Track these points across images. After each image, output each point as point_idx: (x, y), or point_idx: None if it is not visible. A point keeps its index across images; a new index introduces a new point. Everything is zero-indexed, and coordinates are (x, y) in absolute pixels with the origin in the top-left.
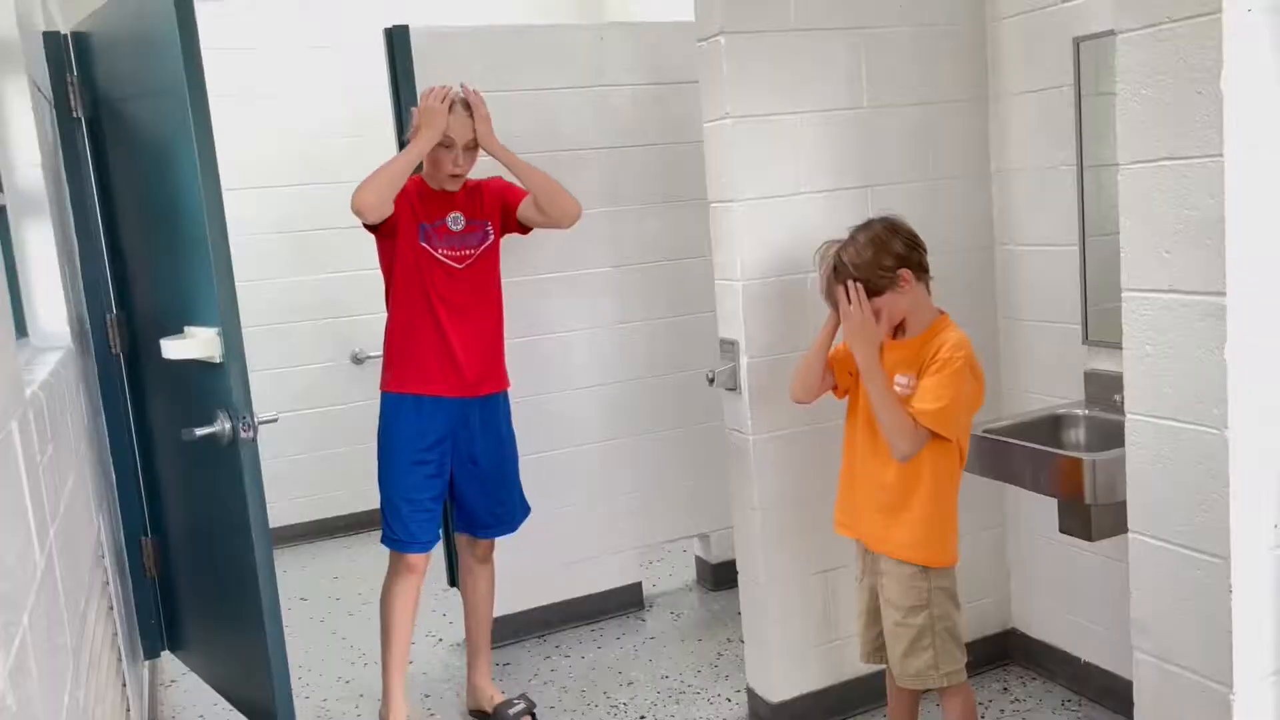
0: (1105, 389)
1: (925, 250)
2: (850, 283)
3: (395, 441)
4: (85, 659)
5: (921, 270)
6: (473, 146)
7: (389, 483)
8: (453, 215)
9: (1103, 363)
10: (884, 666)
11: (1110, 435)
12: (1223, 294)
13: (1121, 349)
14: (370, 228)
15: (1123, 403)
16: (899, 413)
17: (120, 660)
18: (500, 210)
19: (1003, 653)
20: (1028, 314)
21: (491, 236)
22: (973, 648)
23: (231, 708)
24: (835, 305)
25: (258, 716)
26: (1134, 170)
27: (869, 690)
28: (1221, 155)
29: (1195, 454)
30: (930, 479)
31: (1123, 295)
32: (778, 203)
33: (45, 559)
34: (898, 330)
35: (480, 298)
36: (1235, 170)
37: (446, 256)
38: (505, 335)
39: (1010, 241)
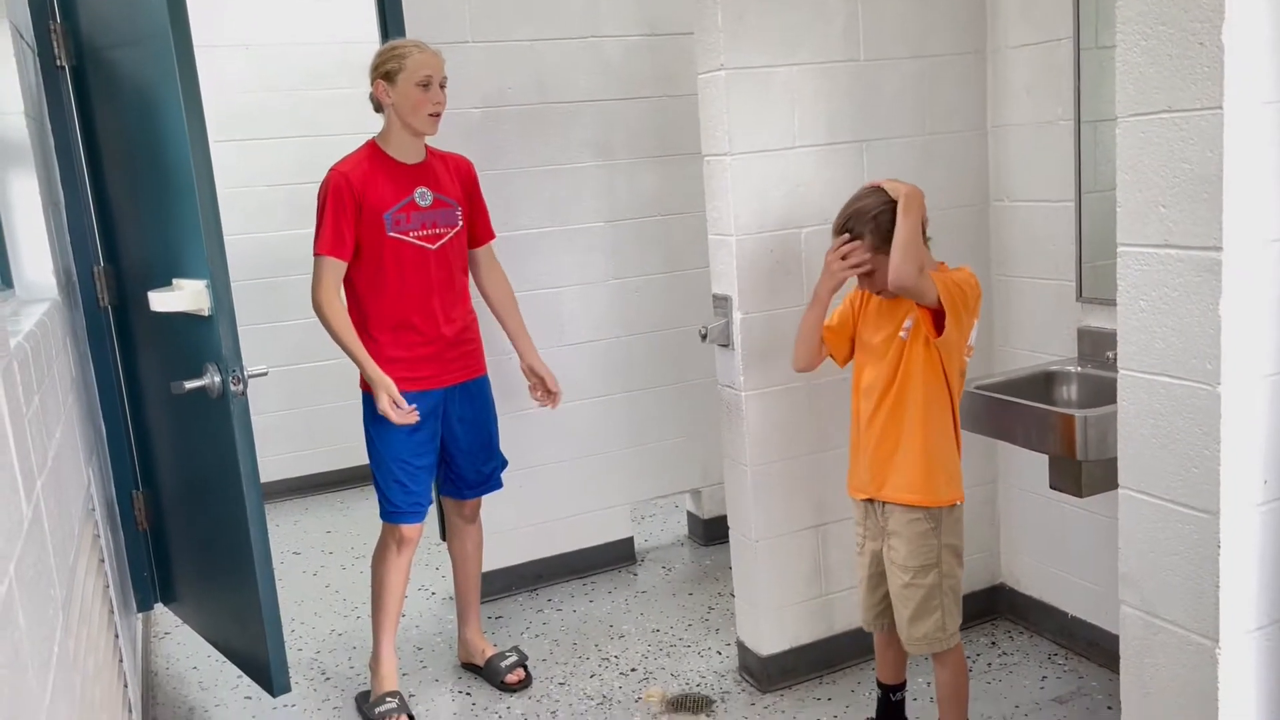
0: (1098, 346)
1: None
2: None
3: (384, 423)
4: (75, 611)
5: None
6: (444, 84)
7: (383, 454)
8: (419, 190)
9: (1096, 320)
10: (883, 630)
11: (1102, 392)
12: (1219, 249)
13: (1115, 306)
14: None
15: (1115, 359)
16: (917, 242)
17: (112, 613)
18: (467, 205)
19: (991, 608)
20: (1021, 271)
21: (460, 224)
22: (963, 603)
23: (225, 659)
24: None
25: (251, 668)
26: (1132, 123)
27: (858, 644)
28: (1221, 108)
29: (1187, 410)
30: (922, 414)
31: (1118, 250)
32: (772, 157)
33: (32, 510)
34: None
35: (455, 277)
36: (1234, 124)
37: (419, 239)
38: None
39: (1005, 198)
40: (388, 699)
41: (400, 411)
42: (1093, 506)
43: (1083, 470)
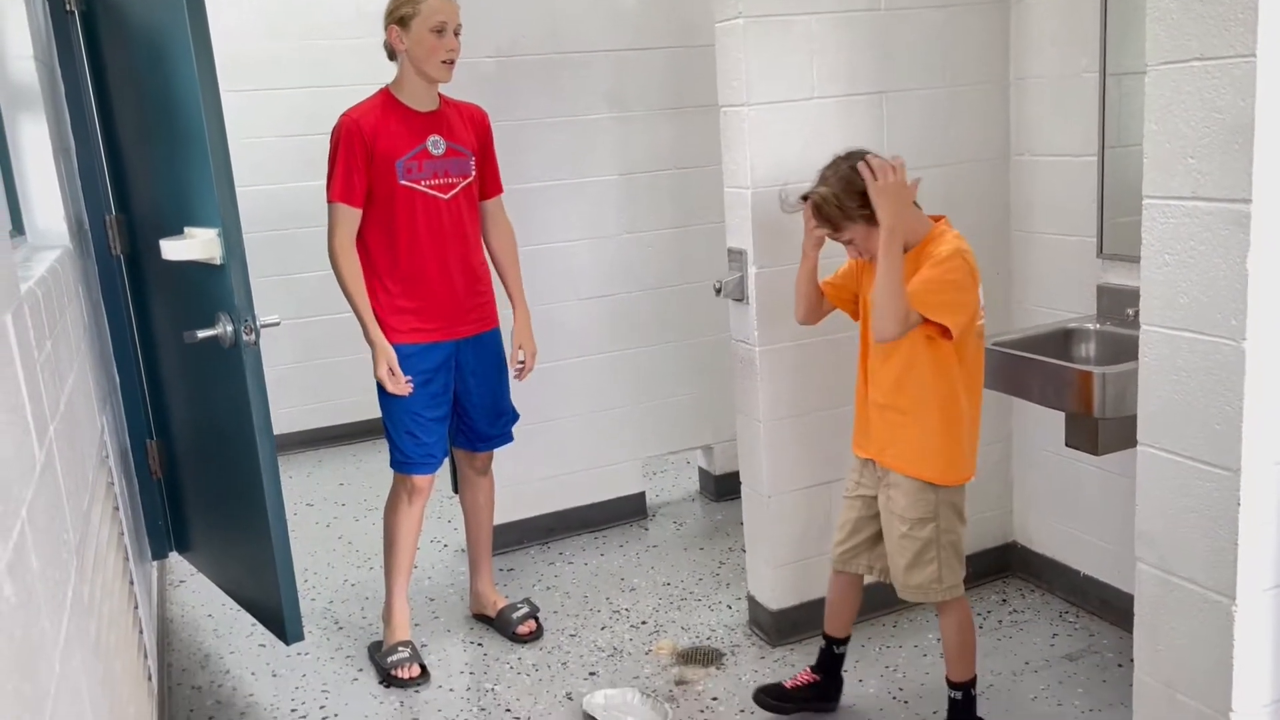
0: (1118, 303)
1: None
2: (888, 160)
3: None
4: (90, 556)
5: None
6: (459, 31)
7: (394, 405)
8: (432, 139)
9: (1116, 277)
10: (849, 573)
11: (1120, 350)
12: (1248, 201)
13: (1137, 262)
14: None
15: (1135, 316)
16: (898, 291)
17: (127, 560)
18: (480, 156)
19: (1003, 565)
20: (1041, 227)
21: (473, 173)
22: (973, 560)
23: (239, 607)
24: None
25: (264, 616)
26: (1162, 71)
27: (869, 600)
28: (1254, 56)
29: (1210, 366)
30: (935, 392)
31: (1143, 203)
32: (790, 107)
33: (45, 454)
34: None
35: (467, 229)
36: (1268, 72)
37: (431, 188)
38: None
39: (1026, 152)
40: (400, 648)
41: (395, 381)
42: (1108, 465)
43: (1100, 428)
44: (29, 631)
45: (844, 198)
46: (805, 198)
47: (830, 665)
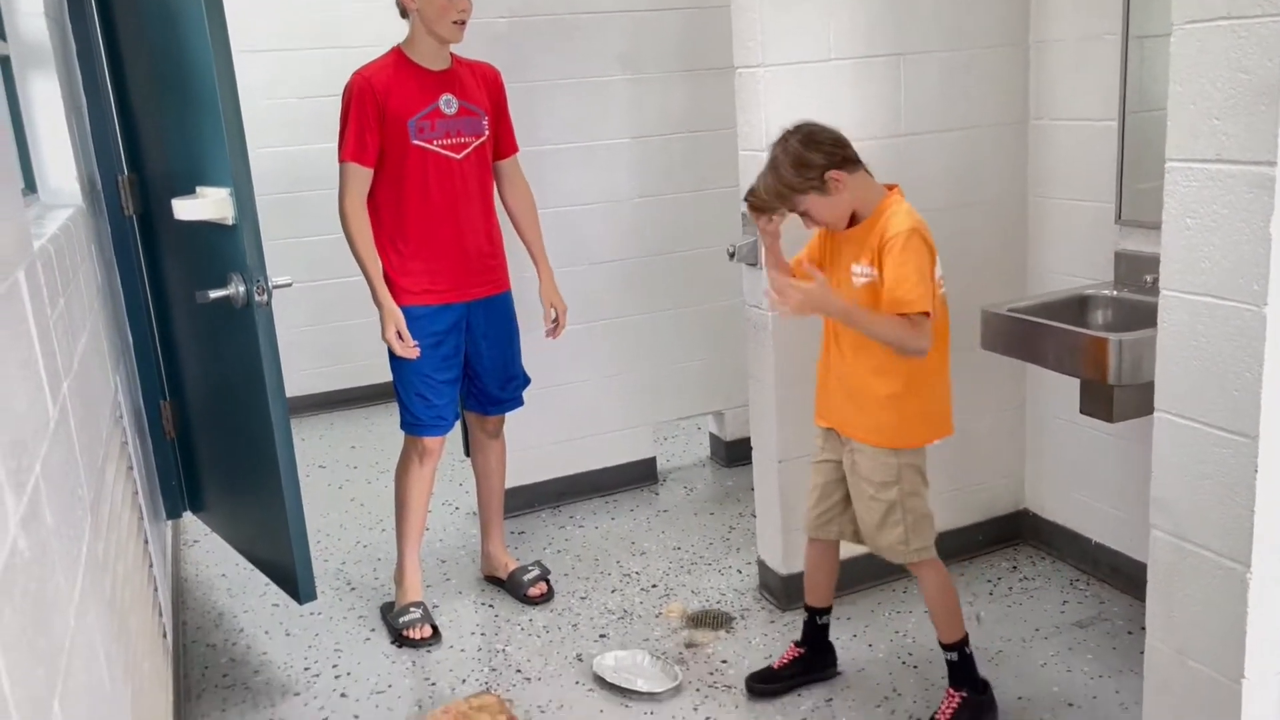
0: (1136, 270)
1: (848, 145)
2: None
3: (411, 335)
4: (104, 514)
5: (851, 164)
6: None
7: (405, 367)
8: (445, 97)
9: (1135, 243)
10: (823, 540)
11: (1138, 316)
12: (1273, 164)
13: (1155, 228)
14: None
15: (1154, 283)
16: (890, 325)
17: (141, 519)
18: (493, 115)
19: (1014, 533)
20: (1059, 192)
21: (486, 133)
22: (984, 527)
23: (253, 567)
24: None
25: (278, 576)
26: (1187, 30)
27: (878, 565)
28: None
29: (1230, 331)
30: (898, 363)
31: (1166, 166)
32: (806, 69)
33: (59, 411)
34: (852, 220)
35: (480, 189)
36: None
37: (444, 148)
38: None
39: (1045, 116)
40: (412, 609)
41: (403, 345)
42: (1122, 433)
43: (1115, 395)
44: (44, 586)
45: (786, 177)
46: (748, 200)
47: (815, 637)
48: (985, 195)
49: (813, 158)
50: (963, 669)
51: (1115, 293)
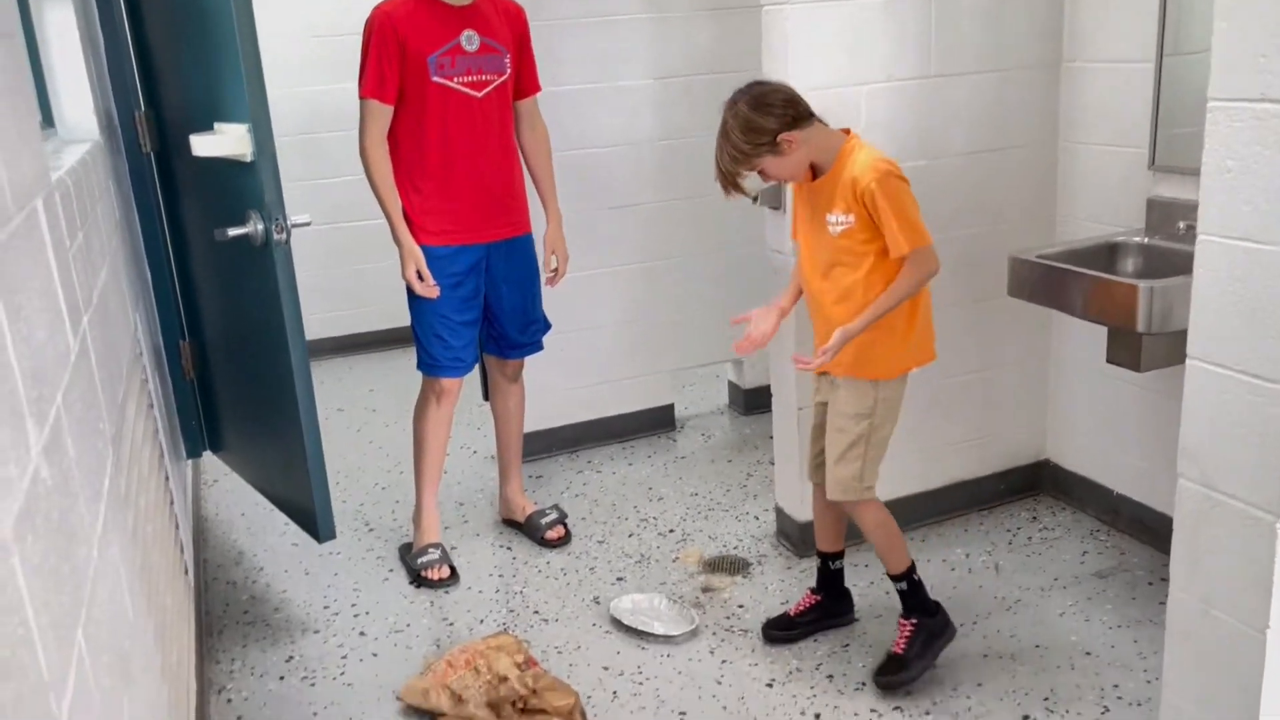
0: (1168, 216)
1: (799, 101)
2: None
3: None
4: (126, 450)
5: (804, 121)
6: None
7: (423, 308)
8: (466, 34)
9: (1168, 189)
10: (821, 483)
11: (1169, 264)
12: None
13: (1190, 174)
14: None
15: (1187, 230)
16: (895, 290)
17: (162, 456)
18: (516, 53)
19: (1034, 484)
20: (1091, 137)
21: (508, 70)
22: (1004, 477)
23: (272, 507)
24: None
25: (297, 515)
26: None
27: (896, 513)
28: None
29: (1269, 277)
30: (863, 298)
31: (1208, 105)
32: (834, 6)
33: (79, 344)
34: (814, 172)
35: (501, 129)
36: None
37: (464, 85)
38: None
39: (1078, 58)
40: (430, 550)
41: (423, 284)
42: (1148, 383)
43: (1144, 344)
44: (67, 516)
45: (737, 143)
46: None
47: (829, 582)
48: (1015, 140)
49: (763, 122)
50: (913, 595)
51: (1146, 240)
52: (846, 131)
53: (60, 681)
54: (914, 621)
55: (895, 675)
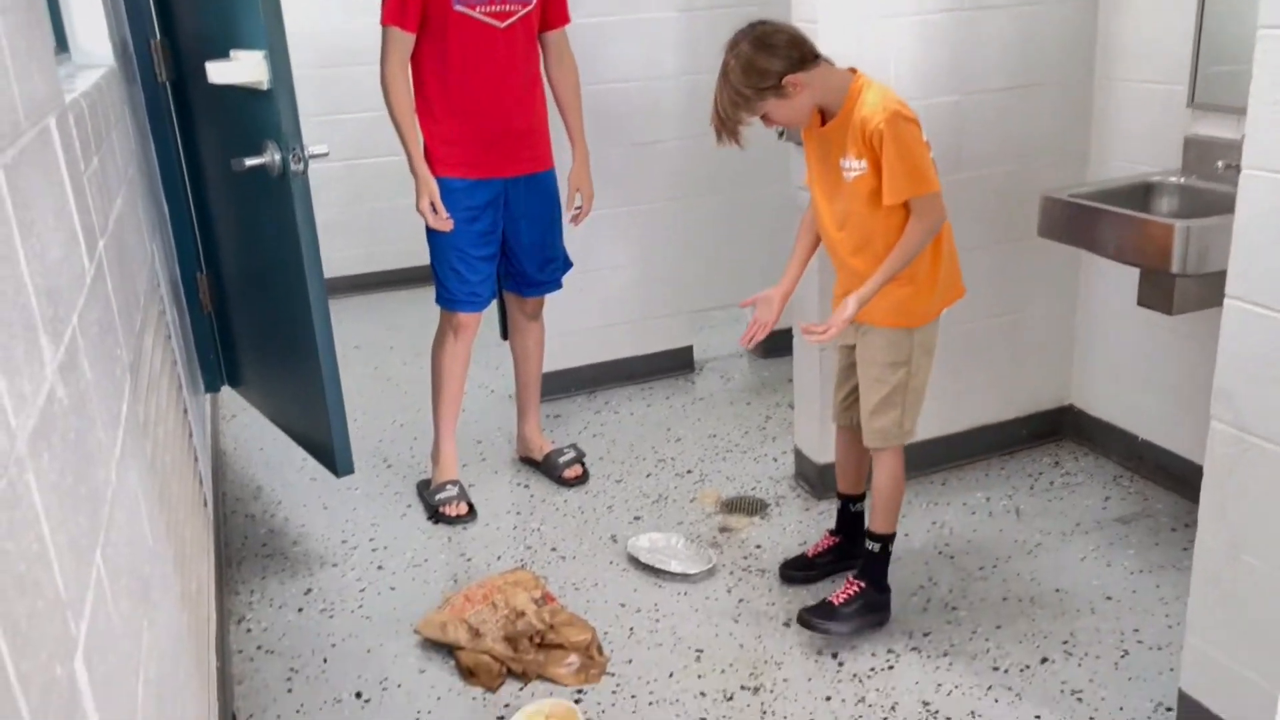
0: (1206, 155)
1: (804, 41)
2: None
3: (446, 209)
4: (144, 379)
5: (810, 62)
6: None
7: (440, 242)
8: None
9: (1207, 128)
10: (847, 427)
11: (1206, 204)
12: None
13: (1230, 113)
14: None
15: (1226, 169)
16: (903, 247)
17: (180, 389)
18: None
19: (1056, 428)
20: (1128, 74)
21: (534, 1)
22: (1026, 422)
23: (290, 442)
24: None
25: (315, 450)
26: None
27: (915, 457)
28: None
29: None
30: (882, 246)
31: (1258, 34)
32: None
33: (95, 268)
34: (823, 115)
35: (524, 62)
36: None
37: (487, 15)
38: None
39: None
40: (448, 486)
41: (436, 217)
42: (1178, 327)
43: (1177, 286)
44: (84, 437)
45: (739, 86)
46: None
47: (848, 524)
48: (1049, 76)
49: (767, 64)
50: (877, 563)
51: (1182, 180)
52: (853, 71)
53: (78, 601)
54: (862, 585)
55: (820, 620)
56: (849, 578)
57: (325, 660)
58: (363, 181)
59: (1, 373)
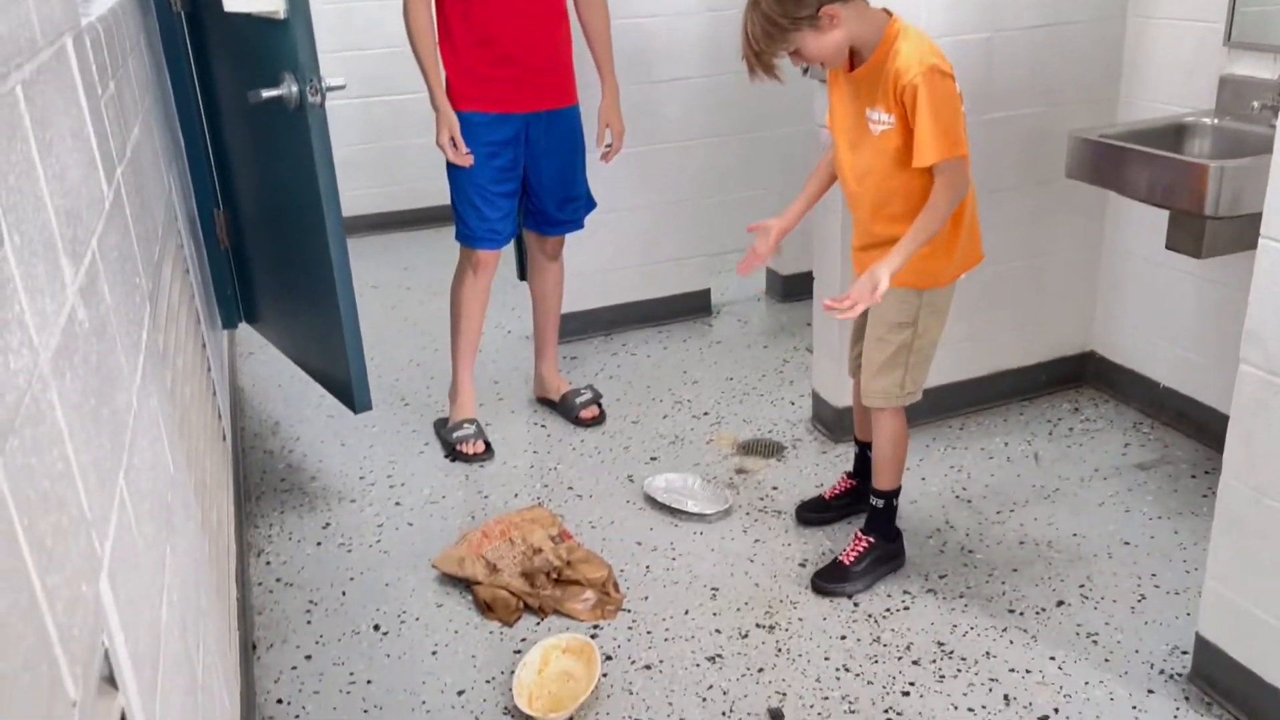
0: (1242, 96)
1: None
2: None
3: (466, 144)
4: (163, 309)
5: None
6: None
7: (460, 177)
8: None
9: (1243, 67)
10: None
11: (1240, 145)
12: None
13: (1269, 51)
14: None
15: (1263, 110)
16: (932, 212)
17: (199, 323)
18: None
19: (1077, 375)
20: (1164, 11)
21: None
22: (1046, 368)
23: (308, 379)
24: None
25: (333, 386)
26: None
27: (934, 402)
28: None
29: None
30: (911, 205)
31: None
32: None
33: (113, 193)
34: (854, 59)
35: None
36: None
37: None
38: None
39: None
40: (465, 425)
41: (456, 152)
42: (1205, 272)
43: (1208, 228)
44: (105, 361)
45: (774, 15)
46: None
47: (866, 468)
48: (1082, 13)
49: None
50: (883, 517)
51: (1216, 121)
52: (888, 13)
53: (102, 521)
54: (870, 540)
55: (834, 583)
56: (856, 533)
57: (344, 593)
58: (380, 119)
59: (24, 290)
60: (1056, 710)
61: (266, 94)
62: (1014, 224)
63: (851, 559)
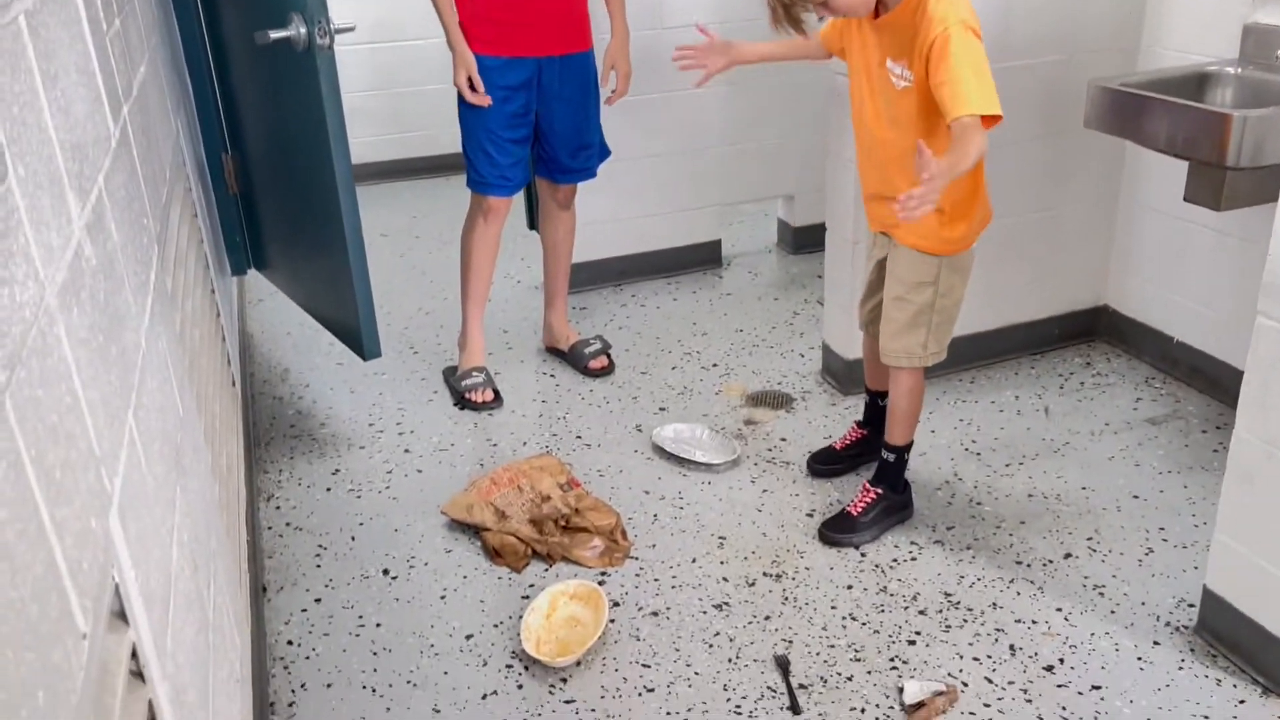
0: (1266, 45)
1: None
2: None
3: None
4: (171, 252)
5: None
6: None
7: (471, 123)
8: None
9: (1268, 15)
10: (874, 336)
11: (1264, 95)
12: None
13: None
14: None
15: None
16: (971, 151)
17: (208, 268)
18: None
19: (1090, 329)
20: None
21: None
22: (1058, 322)
23: (317, 326)
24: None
25: (342, 333)
26: None
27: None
28: None
29: None
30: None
31: None
32: None
33: (119, 132)
34: (879, 7)
35: None
36: None
37: None
38: None
39: None
40: (474, 373)
41: (474, 93)
42: (1223, 226)
43: (1227, 180)
44: (113, 299)
45: None
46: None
47: (877, 419)
48: None
49: None
50: (894, 470)
51: (1239, 70)
52: None
53: (111, 457)
54: (879, 491)
55: (842, 534)
56: (865, 484)
57: (353, 538)
58: (388, 65)
59: (29, 223)
60: (1062, 660)
61: (274, 35)
62: (1029, 176)
63: (859, 510)
